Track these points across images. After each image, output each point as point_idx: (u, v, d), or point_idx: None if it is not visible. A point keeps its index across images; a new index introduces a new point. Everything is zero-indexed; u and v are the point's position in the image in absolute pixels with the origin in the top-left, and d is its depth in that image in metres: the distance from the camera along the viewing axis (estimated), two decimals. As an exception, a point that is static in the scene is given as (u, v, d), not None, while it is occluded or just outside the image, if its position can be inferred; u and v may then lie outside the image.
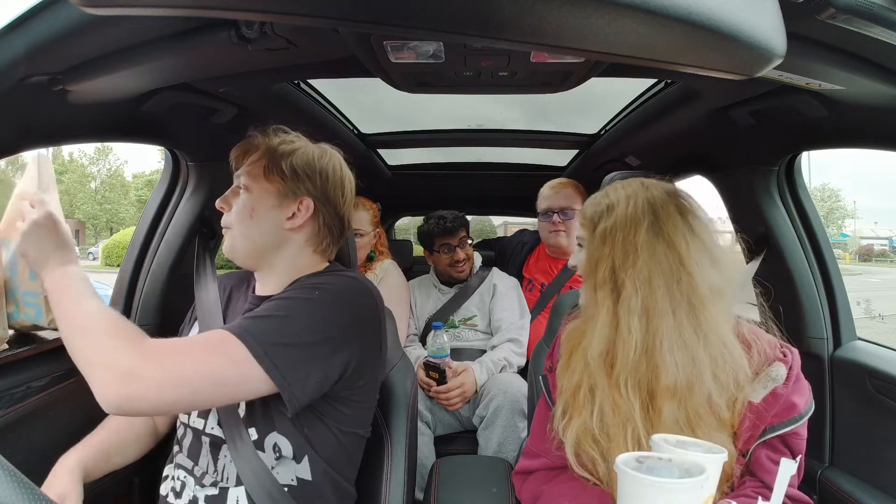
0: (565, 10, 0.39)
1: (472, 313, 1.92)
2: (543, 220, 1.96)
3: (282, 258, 0.93)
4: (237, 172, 0.94)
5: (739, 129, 1.17)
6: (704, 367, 0.75)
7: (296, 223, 0.91)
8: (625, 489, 0.59)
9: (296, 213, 0.91)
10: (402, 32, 0.55)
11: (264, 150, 0.92)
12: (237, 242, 0.92)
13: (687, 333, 0.76)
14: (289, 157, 0.92)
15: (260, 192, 0.91)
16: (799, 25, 0.62)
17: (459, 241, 1.92)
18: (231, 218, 0.92)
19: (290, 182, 0.91)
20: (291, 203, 0.91)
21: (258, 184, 0.91)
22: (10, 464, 0.43)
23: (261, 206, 0.90)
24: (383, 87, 1.03)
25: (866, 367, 1.12)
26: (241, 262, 0.94)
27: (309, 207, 0.92)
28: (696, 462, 0.59)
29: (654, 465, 0.59)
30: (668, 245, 0.78)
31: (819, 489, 1.15)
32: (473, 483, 1.04)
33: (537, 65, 0.91)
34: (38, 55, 0.68)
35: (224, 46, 0.77)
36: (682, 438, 0.67)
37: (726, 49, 0.44)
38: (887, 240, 33.97)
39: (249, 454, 0.82)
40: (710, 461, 0.61)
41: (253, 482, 0.81)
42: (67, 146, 18.61)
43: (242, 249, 0.92)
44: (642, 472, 0.57)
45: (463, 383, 1.64)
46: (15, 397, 0.91)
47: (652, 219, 0.80)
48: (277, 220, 0.91)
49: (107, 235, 26.21)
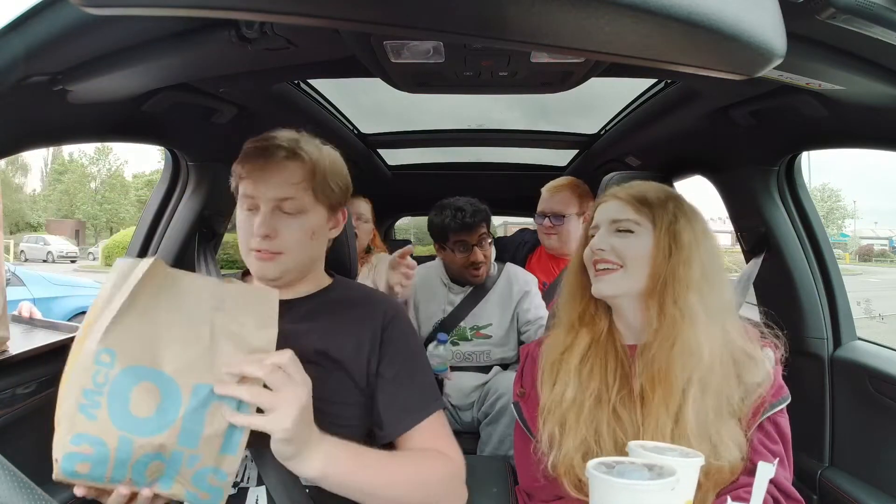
0: (565, 10, 0.39)
1: (487, 321, 1.65)
2: (538, 222, 1.97)
3: (318, 263, 0.93)
4: (270, 193, 0.81)
5: (739, 129, 1.17)
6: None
7: (336, 233, 0.92)
8: (595, 493, 0.59)
9: (337, 222, 0.91)
10: (402, 32, 0.55)
11: (310, 169, 0.84)
12: (293, 265, 0.85)
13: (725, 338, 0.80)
14: (331, 171, 0.87)
15: (314, 214, 0.85)
16: (799, 25, 0.62)
17: (479, 238, 1.59)
18: (283, 243, 0.82)
19: (335, 197, 0.88)
20: (335, 216, 0.91)
21: (311, 205, 0.84)
22: (10, 464, 0.43)
23: (318, 228, 0.86)
24: (383, 87, 1.03)
25: (866, 367, 1.12)
26: (286, 282, 0.86)
27: (344, 214, 0.93)
28: (668, 466, 0.59)
29: (625, 469, 0.59)
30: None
31: (819, 489, 1.15)
32: (473, 483, 1.04)
33: (537, 65, 0.91)
34: (38, 55, 0.68)
35: (224, 46, 0.77)
36: (660, 444, 0.67)
37: (726, 49, 0.44)
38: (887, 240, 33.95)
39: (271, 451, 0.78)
40: (683, 465, 0.61)
41: (275, 482, 0.77)
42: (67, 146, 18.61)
43: (297, 271, 0.86)
44: (612, 475, 0.57)
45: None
46: (15, 397, 0.91)
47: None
48: (328, 234, 0.90)
49: (107, 235, 26.20)
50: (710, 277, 0.80)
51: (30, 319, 1.22)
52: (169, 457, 0.62)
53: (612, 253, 0.82)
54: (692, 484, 0.63)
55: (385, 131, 1.89)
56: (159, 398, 0.62)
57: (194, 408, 0.62)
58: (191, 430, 0.62)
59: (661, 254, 0.81)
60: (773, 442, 0.80)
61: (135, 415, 0.60)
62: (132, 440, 0.60)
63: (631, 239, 0.83)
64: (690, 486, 0.62)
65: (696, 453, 0.65)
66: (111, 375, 0.60)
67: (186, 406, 0.62)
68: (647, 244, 0.82)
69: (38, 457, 0.85)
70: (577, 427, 0.80)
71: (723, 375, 0.77)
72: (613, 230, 0.85)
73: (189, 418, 0.62)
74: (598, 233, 0.86)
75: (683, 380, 0.76)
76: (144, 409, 0.61)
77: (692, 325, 0.77)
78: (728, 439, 0.76)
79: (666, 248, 0.80)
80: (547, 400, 0.84)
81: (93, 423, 0.59)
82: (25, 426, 0.92)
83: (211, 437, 0.63)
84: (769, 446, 0.79)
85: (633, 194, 0.86)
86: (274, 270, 0.84)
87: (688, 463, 0.63)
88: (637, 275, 0.82)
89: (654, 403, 0.78)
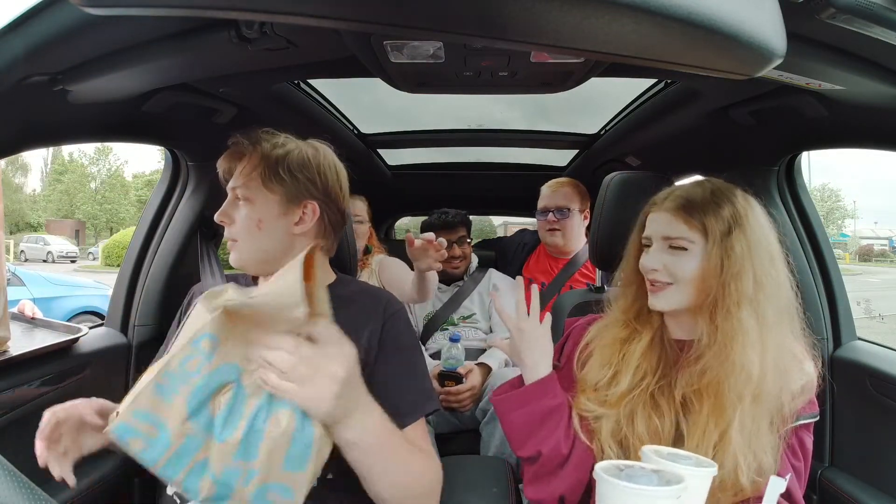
0: (565, 10, 0.39)
1: (471, 311, 1.94)
2: (540, 219, 1.97)
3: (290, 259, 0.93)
4: (231, 183, 0.91)
5: (739, 129, 1.17)
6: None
7: (304, 228, 0.91)
8: (601, 494, 0.59)
9: (302, 218, 0.91)
10: (402, 32, 0.55)
11: (259, 158, 0.89)
12: (247, 255, 0.90)
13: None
14: (284, 162, 0.89)
15: (263, 203, 0.88)
16: (799, 25, 0.62)
17: (458, 238, 1.95)
18: (236, 231, 0.89)
19: (292, 187, 0.89)
20: (296, 208, 0.90)
21: (259, 194, 0.88)
22: (10, 464, 0.43)
23: (267, 217, 0.88)
24: (383, 87, 1.03)
25: (866, 367, 1.12)
26: (252, 271, 0.93)
27: (315, 210, 0.91)
28: (677, 474, 0.59)
29: (634, 473, 0.59)
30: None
31: (819, 489, 1.15)
32: (473, 483, 1.04)
33: (537, 65, 0.91)
34: (38, 55, 0.68)
35: (224, 46, 0.77)
36: (676, 451, 0.66)
37: (726, 49, 0.44)
38: (887, 240, 33.94)
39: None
40: (693, 474, 0.60)
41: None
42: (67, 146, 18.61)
43: (254, 260, 0.91)
44: (621, 479, 0.57)
45: (473, 385, 1.65)
46: (15, 397, 0.91)
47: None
48: (286, 226, 0.90)
49: (107, 235, 26.19)
50: (764, 285, 0.78)
51: (32, 319, 1.22)
52: (221, 475, 0.59)
53: (665, 272, 0.81)
54: (701, 494, 0.62)
55: (385, 131, 1.89)
56: (232, 400, 0.60)
57: (254, 413, 0.61)
58: (250, 439, 0.60)
59: (711, 271, 0.78)
60: (795, 457, 0.79)
61: (210, 413, 0.59)
62: (199, 439, 0.57)
63: (683, 257, 0.81)
64: (699, 497, 0.61)
65: (711, 463, 0.64)
66: (203, 366, 0.58)
67: (250, 411, 0.60)
68: (698, 261, 0.80)
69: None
70: (616, 408, 0.82)
71: (774, 386, 0.76)
72: (666, 247, 0.82)
73: (250, 424, 0.60)
74: (651, 250, 0.84)
75: (734, 397, 0.75)
76: (219, 409, 0.59)
77: (744, 341, 0.75)
78: (770, 454, 0.75)
79: (717, 265, 0.78)
80: (590, 377, 0.86)
81: (166, 405, 0.57)
82: (25, 426, 0.92)
83: (272, 450, 0.60)
84: (792, 461, 0.78)
85: (683, 206, 0.82)
86: (233, 258, 0.91)
87: (698, 472, 0.61)
88: (688, 291, 0.80)
89: (702, 414, 0.77)
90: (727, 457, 0.73)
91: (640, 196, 0.89)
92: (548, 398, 0.87)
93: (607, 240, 1.14)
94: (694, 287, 0.80)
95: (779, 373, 0.76)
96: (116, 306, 1.27)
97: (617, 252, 1.09)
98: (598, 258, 1.20)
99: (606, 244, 1.14)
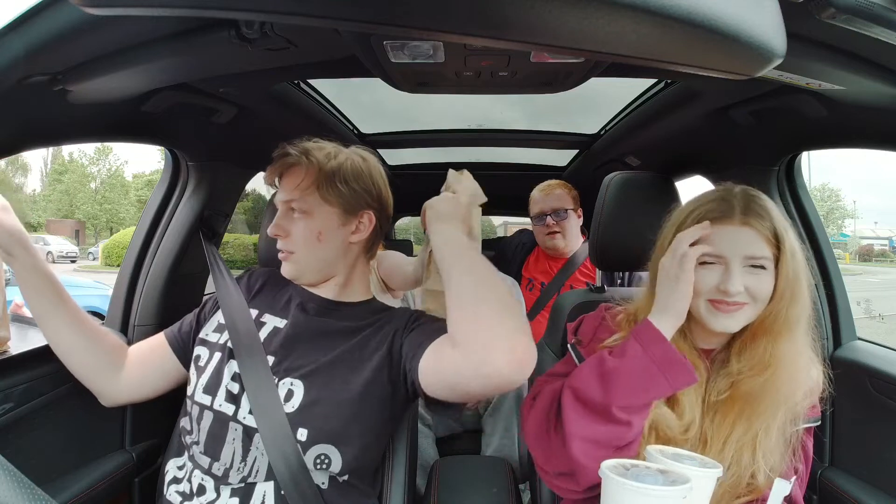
0: (565, 10, 0.39)
1: None
2: (537, 224, 1.96)
3: (344, 265, 0.94)
4: (284, 196, 0.90)
5: (739, 129, 1.17)
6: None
7: (361, 237, 0.93)
8: (606, 493, 0.59)
9: (359, 227, 0.93)
10: (402, 32, 0.54)
11: (315, 172, 0.90)
12: (305, 265, 0.91)
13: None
14: (340, 173, 0.90)
15: (322, 215, 0.89)
16: (799, 25, 0.62)
17: None
18: (293, 244, 0.90)
19: (350, 198, 0.90)
20: (354, 218, 0.92)
21: (318, 207, 0.89)
22: (10, 464, 0.43)
23: (327, 228, 0.90)
24: (383, 87, 1.03)
25: (866, 367, 1.12)
26: (309, 281, 0.94)
27: (371, 220, 0.93)
28: (683, 474, 0.59)
29: (640, 472, 0.59)
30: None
31: (819, 489, 1.15)
32: (474, 483, 1.04)
33: (537, 65, 0.91)
34: (38, 55, 0.68)
35: (224, 46, 0.77)
36: (680, 451, 0.67)
37: (726, 49, 0.44)
38: (887, 240, 33.95)
39: (287, 447, 0.78)
40: (699, 474, 0.61)
41: (286, 477, 0.77)
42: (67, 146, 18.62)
43: (313, 271, 0.92)
44: (627, 478, 0.57)
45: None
46: (15, 397, 0.91)
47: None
48: (343, 236, 0.92)
49: (107, 235, 26.18)
50: (804, 303, 0.76)
51: (32, 318, 1.22)
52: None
53: (746, 294, 0.75)
54: (706, 495, 0.62)
55: (385, 131, 1.89)
56: None
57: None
58: None
59: (779, 292, 0.75)
60: (797, 460, 0.79)
61: None
62: None
63: (762, 276, 0.76)
64: (704, 497, 0.62)
65: (715, 464, 0.64)
66: None
67: None
68: (772, 278, 0.76)
69: (38, 457, 0.86)
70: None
71: (799, 392, 0.76)
72: (747, 265, 0.76)
73: None
74: (730, 271, 0.75)
75: (773, 407, 0.75)
76: None
77: (793, 360, 0.75)
78: (781, 455, 0.76)
79: (784, 286, 0.75)
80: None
81: None
82: (26, 426, 0.92)
83: None
84: (794, 463, 0.78)
85: (769, 226, 0.76)
86: (289, 269, 0.92)
87: (704, 473, 0.62)
88: (759, 310, 0.77)
89: (729, 418, 0.77)
90: (753, 459, 0.73)
91: (640, 196, 0.89)
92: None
93: (607, 240, 1.14)
94: (761, 307, 0.76)
95: (805, 376, 0.77)
96: (116, 306, 1.27)
97: (617, 252, 1.09)
98: (599, 258, 1.19)
99: (606, 244, 1.14)
